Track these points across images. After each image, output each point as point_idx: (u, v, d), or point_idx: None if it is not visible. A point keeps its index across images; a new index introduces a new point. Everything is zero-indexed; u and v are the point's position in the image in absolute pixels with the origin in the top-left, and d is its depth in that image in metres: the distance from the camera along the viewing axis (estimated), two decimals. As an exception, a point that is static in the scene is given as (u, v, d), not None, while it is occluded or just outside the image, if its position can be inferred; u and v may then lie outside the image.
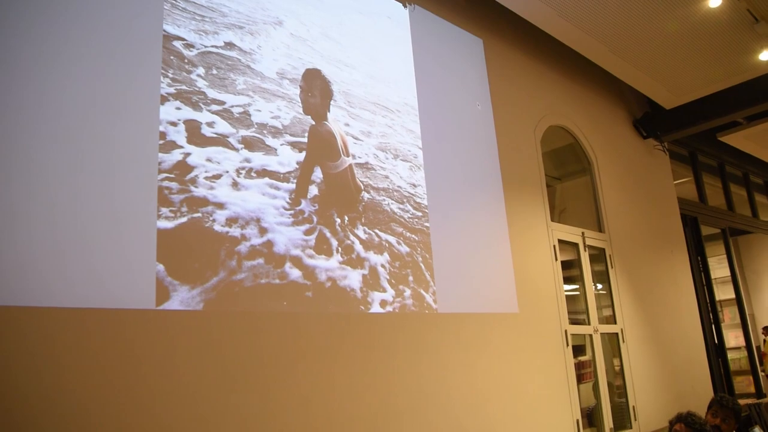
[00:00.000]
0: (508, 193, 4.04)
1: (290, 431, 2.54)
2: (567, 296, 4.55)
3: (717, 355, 6.41)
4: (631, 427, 4.63)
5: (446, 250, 3.48)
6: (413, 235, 3.33)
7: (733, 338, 9.40)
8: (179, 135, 2.59)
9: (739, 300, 7.65)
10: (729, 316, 10.34)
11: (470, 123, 4.00)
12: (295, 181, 2.91)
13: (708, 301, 6.51)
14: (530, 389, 3.78)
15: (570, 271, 4.72)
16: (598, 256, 4.95)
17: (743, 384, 8.69)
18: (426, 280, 3.31)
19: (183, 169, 2.55)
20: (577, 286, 4.65)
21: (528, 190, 4.27)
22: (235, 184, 2.70)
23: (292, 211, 2.86)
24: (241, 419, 2.41)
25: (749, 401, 6.40)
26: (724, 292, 8.84)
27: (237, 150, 2.76)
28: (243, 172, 2.75)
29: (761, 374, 9.85)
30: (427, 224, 3.42)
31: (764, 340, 11.38)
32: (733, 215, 7.68)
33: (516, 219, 4.05)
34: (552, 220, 4.42)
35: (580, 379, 4.55)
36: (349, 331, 2.88)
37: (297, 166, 2.94)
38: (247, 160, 2.78)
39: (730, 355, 10.66)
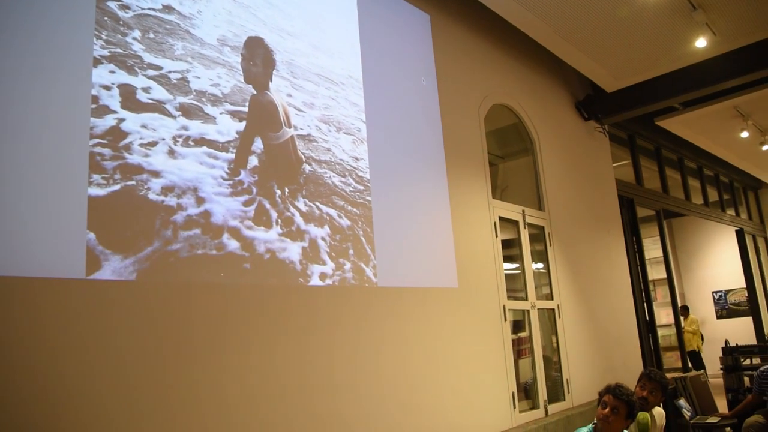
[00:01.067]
0: (450, 169, 4.08)
1: (226, 404, 2.52)
2: (507, 275, 4.65)
3: (647, 332, 6.67)
4: (564, 399, 4.79)
5: (388, 224, 3.50)
6: (355, 209, 3.33)
7: (664, 316, 9.81)
8: (113, 99, 2.50)
9: (670, 280, 7.97)
10: (661, 295, 10.79)
11: (415, 98, 4.00)
12: (234, 151, 2.86)
13: (641, 280, 6.76)
14: (468, 362, 3.85)
15: (510, 250, 4.81)
16: (538, 236, 5.06)
17: (672, 359, 9.09)
18: (366, 253, 3.32)
19: (116, 135, 2.47)
20: (517, 265, 4.75)
21: (471, 167, 4.32)
22: (171, 153, 2.64)
23: (230, 182, 2.81)
24: (175, 392, 2.38)
25: (676, 375, 6.71)
26: (657, 272, 9.20)
27: (174, 117, 2.69)
28: (180, 140, 2.69)
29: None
30: (369, 198, 3.43)
31: (683, 319, 11.92)
32: (667, 198, 7.97)
33: (458, 195, 4.10)
34: (493, 198, 4.49)
35: (519, 354, 4.67)
36: (287, 304, 2.87)
37: (237, 136, 2.89)
38: (185, 128, 2.71)
39: (661, 332, 11.13)
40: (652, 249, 10.02)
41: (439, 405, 3.55)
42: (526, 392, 4.61)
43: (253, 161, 2.93)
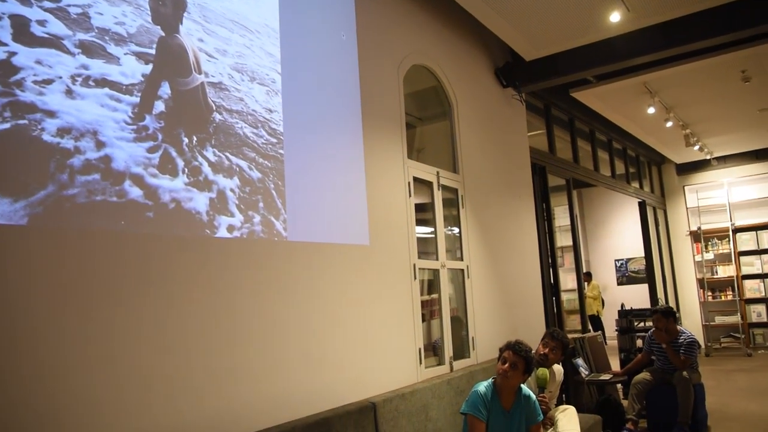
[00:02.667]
0: (367, 126, 4.07)
1: (124, 359, 2.45)
2: (420, 238, 4.73)
3: (552, 295, 6.98)
4: (469, 357, 4.97)
5: (300, 178, 3.46)
6: (266, 161, 3.27)
7: (570, 281, 10.29)
8: (3, 31, 2.32)
9: (575, 247, 8.34)
10: (568, 261, 11.28)
11: (333, 53, 3.94)
12: (139, 94, 2.73)
13: (549, 246, 7.04)
14: (377, 319, 3.92)
15: (424, 214, 4.89)
16: (452, 201, 5.15)
17: (574, 322, 9.58)
18: (277, 207, 3.28)
19: (7, 69, 2.31)
20: (431, 229, 4.83)
21: (387, 126, 4.32)
22: (69, 92, 2.49)
23: (134, 126, 2.69)
24: (68, 346, 2.28)
25: (575, 336, 7.08)
26: (566, 239, 9.61)
27: (73, 55, 2.53)
28: (79, 79, 2.54)
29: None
30: (281, 151, 3.37)
31: (586, 285, 12.60)
32: (577, 168, 8.29)
33: (373, 153, 4.10)
34: (409, 158, 4.52)
35: (432, 314, 4.79)
36: (193, 255, 2.80)
37: (142, 79, 2.76)
38: (85, 67, 2.56)
39: (566, 296, 11.69)
40: (562, 217, 10.45)
41: (346, 360, 3.60)
42: (434, 350, 4.74)
43: (160, 107, 2.81)
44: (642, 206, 11.47)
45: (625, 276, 14.36)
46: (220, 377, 2.81)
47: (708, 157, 11.60)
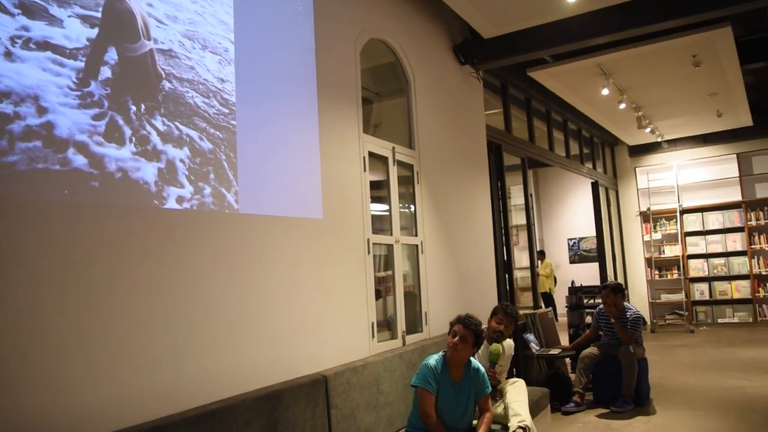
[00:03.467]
0: (322, 99, 4.02)
1: (65, 334, 2.39)
2: (376, 216, 4.74)
3: (505, 272, 7.09)
4: (422, 331, 5.02)
5: (252, 150, 3.41)
6: (218, 132, 3.21)
7: (524, 259, 10.48)
8: (-64, -13, 2.21)
9: (529, 226, 8.48)
10: (523, 239, 11.47)
11: (289, 23, 3.87)
12: (84, 59, 2.64)
13: (503, 223, 7.13)
14: (330, 293, 3.92)
15: (379, 191, 4.89)
16: (408, 178, 5.15)
17: (528, 299, 9.78)
18: (228, 179, 3.23)
19: (-60, 28, 2.20)
20: (386, 207, 4.83)
21: (343, 99, 4.29)
22: (8, 54, 2.39)
23: (78, 92, 2.60)
24: (7, 320, 2.22)
25: (527, 312, 7.24)
26: (522, 218, 9.74)
27: (12, 15, 2.42)
28: (19, 41, 2.43)
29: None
30: (233, 122, 3.31)
31: (539, 263, 12.87)
32: (533, 147, 8.39)
33: (328, 127, 4.06)
34: (365, 133, 4.50)
35: (388, 291, 4.82)
36: (140, 226, 2.74)
37: (87, 43, 2.66)
38: (25, 29, 2.46)
39: (520, 274, 11.92)
40: (518, 196, 10.59)
41: (299, 334, 3.59)
42: (389, 325, 4.78)
43: (106, 72, 2.72)
44: (595, 186, 11.72)
45: (578, 254, 14.70)
46: (167, 351, 2.77)
47: (659, 139, 11.90)
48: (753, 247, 11.87)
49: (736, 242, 12.10)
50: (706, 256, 12.36)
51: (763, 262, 11.80)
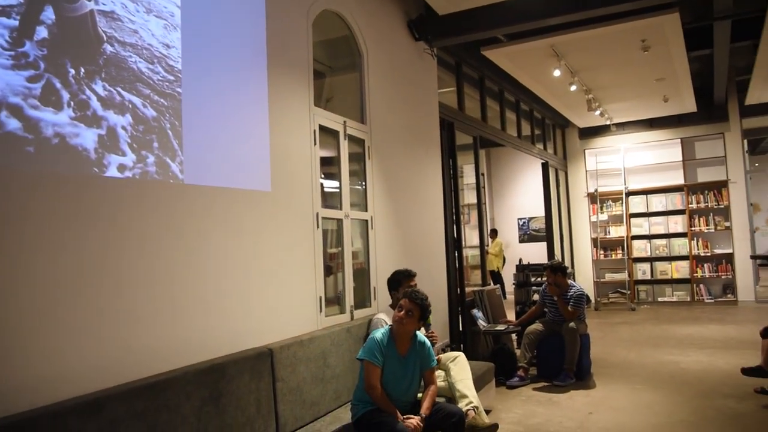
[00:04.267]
0: (272, 70, 3.95)
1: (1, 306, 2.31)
2: (327, 193, 4.71)
3: (454, 250, 7.15)
4: (370, 306, 5.05)
5: (199, 119, 3.33)
6: (162, 100, 3.12)
7: (475, 237, 10.61)
8: None
9: (479, 205, 8.58)
10: (474, 218, 11.61)
11: (239, -10, 3.77)
12: (18, 17, 2.51)
13: (454, 202, 7.17)
14: (278, 267, 3.88)
15: (330, 167, 4.86)
16: (359, 155, 5.13)
17: (478, 276, 9.92)
18: (173, 148, 3.15)
19: None
20: (337, 183, 4.79)
21: (294, 71, 4.22)
22: (-66, 9, 2.26)
23: (12, 53, 2.48)
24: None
25: (475, 288, 7.35)
26: (474, 197, 9.84)
27: (-61, -33, 2.29)
28: (-53, -5, 2.30)
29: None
30: (179, 90, 3.22)
31: (490, 241, 13.07)
32: (485, 126, 8.45)
33: (278, 98, 4.00)
34: (316, 106, 4.44)
35: (339, 267, 4.80)
36: (79, 194, 2.65)
37: (22, 1, 2.53)
38: (-47, -18, 2.33)
39: (471, 252, 12.07)
40: (470, 175, 10.68)
41: (245, 307, 3.56)
42: (339, 301, 4.78)
43: (42, 33, 2.60)
44: (545, 167, 11.91)
45: (527, 234, 14.98)
46: (106, 324, 2.70)
47: (608, 122, 12.16)
48: (693, 229, 12.30)
49: (677, 224, 12.51)
50: (649, 237, 12.76)
51: (702, 243, 12.25)
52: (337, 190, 4.78)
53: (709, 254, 12.19)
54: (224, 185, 3.46)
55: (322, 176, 4.86)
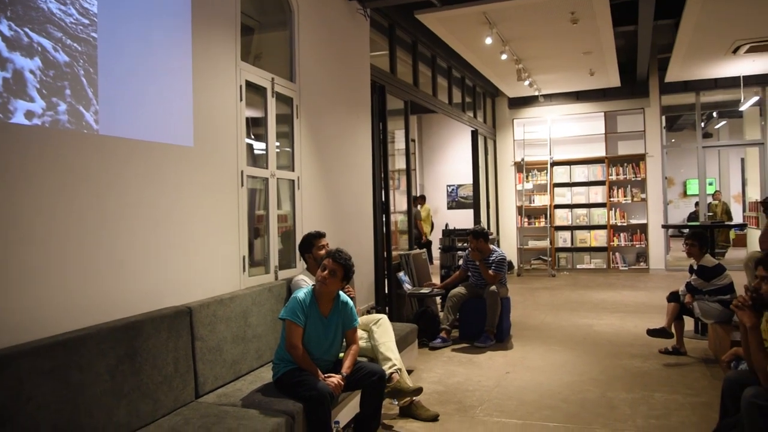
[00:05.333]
0: (197, 19, 3.78)
1: None
2: (257, 155, 4.60)
3: (382, 213, 7.17)
4: (295, 267, 5.02)
5: (116, 67, 3.16)
6: (76, 44, 2.94)
7: (404, 202, 10.68)
8: None
9: (408, 170, 8.62)
10: (404, 183, 11.69)
11: (161, -67, 3.57)
12: None
13: (382, 166, 7.16)
14: (199, 225, 3.79)
15: (257, 129, 4.75)
16: (287, 117, 5.02)
17: (405, 241, 10.02)
18: (87, 96, 2.99)
19: None
20: (263, 145, 4.69)
21: (220, 22, 4.06)
22: None
23: None
24: None
25: (402, 252, 7.43)
26: (404, 162, 9.87)
27: None
28: None
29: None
30: (94, 35, 3.04)
31: (419, 207, 13.23)
32: (417, 91, 8.46)
33: (203, 49, 3.84)
34: (242, 60, 4.31)
35: (265, 227, 4.73)
36: (-19, 141, 2.49)
37: None
38: None
39: (401, 217, 12.17)
40: (401, 141, 10.70)
41: (164, 265, 3.46)
42: (265, 261, 4.72)
43: (-62, -37, 2.40)
44: (474, 135, 12.08)
45: (455, 201, 15.23)
46: (13, 279, 2.57)
47: (536, 93, 12.41)
48: (612, 200, 12.82)
49: (597, 195, 13.01)
50: (570, 206, 13.22)
51: (619, 214, 12.80)
52: (264, 152, 4.68)
53: (625, 224, 12.76)
54: (143, 138, 3.32)
55: (253, 137, 4.76)
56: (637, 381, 5.03)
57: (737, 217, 16.46)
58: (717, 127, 17.80)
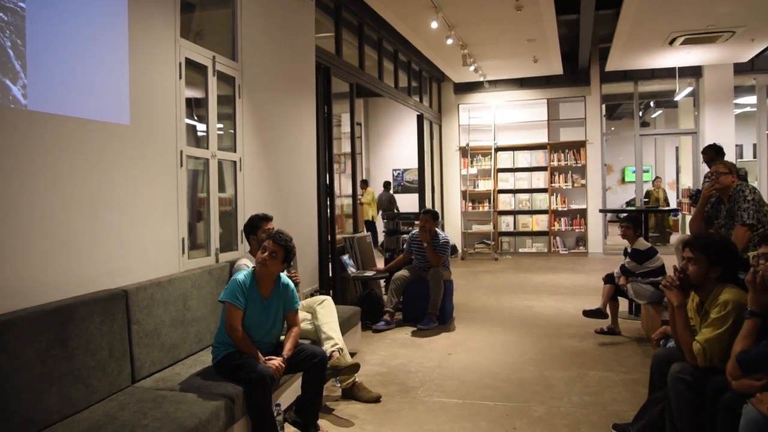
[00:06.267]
0: (132, -7, 3.65)
1: None
2: (200, 137, 4.48)
3: (326, 197, 7.12)
4: (237, 249, 4.94)
5: (46, 40, 3.02)
6: (1, 14, 2.79)
7: (350, 186, 10.65)
8: None
9: (353, 154, 8.59)
10: (349, 167, 11.65)
11: None
12: None
13: (327, 149, 7.10)
14: (137, 206, 3.67)
15: (198, 110, 4.64)
16: (229, 98, 4.91)
17: (350, 225, 10.00)
18: (15, 70, 2.84)
19: None
20: (204, 126, 4.58)
21: (158, -2, 3.93)
22: None
23: None
24: None
25: (346, 236, 7.42)
26: (349, 146, 9.83)
27: None
28: None
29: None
30: (22, 4, 2.89)
31: (364, 190, 13.25)
32: (363, 74, 8.41)
33: (139, 23, 3.70)
34: (182, 37, 4.19)
35: (205, 208, 4.63)
36: None
37: None
38: None
39: (346, 201, 12.13)
40: (347, 124, 10.63)
41: (98, 247, 3.34)
42: (206, 243, 4.63)
43: None
44: (420, 120, 12.12)
45: (401, 185, 15.27)
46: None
47: (482, 79, 12.53)
48: (553, 185, 13.12)
49: (539, 180, 13.29)
50: (513, 191, 13.46)
51: (560, 199, 13.12)
52: (205, 134, 4.57)
53: (565, 209, 13.10)
54: (76, 115, 3.19)
55: (196, 119, 4.64)
56: (574, 360, 5.19)
57: (673, 204, 17.11)
58: (654, 116, 18.43)
